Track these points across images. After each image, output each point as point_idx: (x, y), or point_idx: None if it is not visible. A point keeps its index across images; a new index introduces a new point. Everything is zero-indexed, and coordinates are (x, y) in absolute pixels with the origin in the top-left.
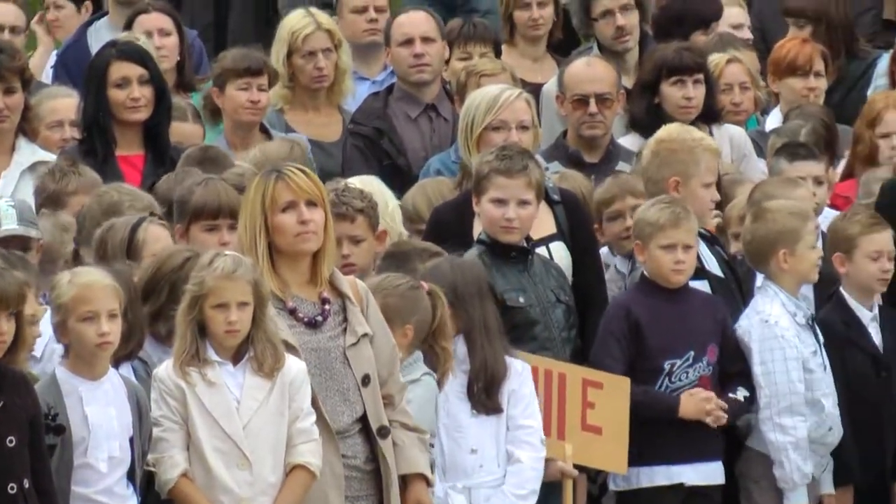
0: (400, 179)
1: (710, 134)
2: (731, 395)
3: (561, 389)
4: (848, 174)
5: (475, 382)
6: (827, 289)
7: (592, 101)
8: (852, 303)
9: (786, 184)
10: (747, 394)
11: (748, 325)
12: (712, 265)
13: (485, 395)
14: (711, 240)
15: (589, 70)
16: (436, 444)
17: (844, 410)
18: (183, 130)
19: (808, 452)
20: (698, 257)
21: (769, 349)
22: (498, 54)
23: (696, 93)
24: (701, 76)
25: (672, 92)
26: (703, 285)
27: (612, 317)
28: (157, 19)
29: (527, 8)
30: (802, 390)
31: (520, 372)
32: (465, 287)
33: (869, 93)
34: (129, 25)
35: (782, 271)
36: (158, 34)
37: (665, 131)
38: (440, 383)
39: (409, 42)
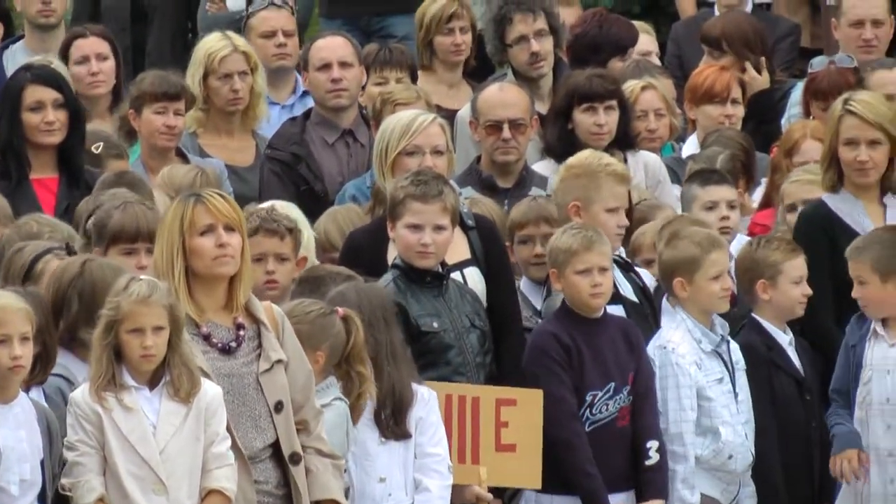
0: (317, 205)
1: (625, 160)
2: (645, 461)
3: (475, 413)
4: (766, 203)
5: (382, 409)
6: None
7: (506, 127)
8: (770, 327)
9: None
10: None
11: (652, 351)
12: (627, 291)
13: (393, 421)
14: (626, 266)
15: (502, 95)
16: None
17: (773, 433)
18: None
19: (695, 482)
20: (613, 283)
21: (664, 376)
22: (414, 80)
23: (607, 119)
24: (613, 102)
25: (584, 118)
26: (618, 310)
27: (540, 346)
28: (94, 44)
29: (449, 33)
30: (692, 418)
31: (426, 399)
32: (372, 312)
33: (783, 121)
34: (65, 49)
35: (683, 299)
36: (96, 59)
37: (575, 157)
38: (357, 408)
39: (326, 67)
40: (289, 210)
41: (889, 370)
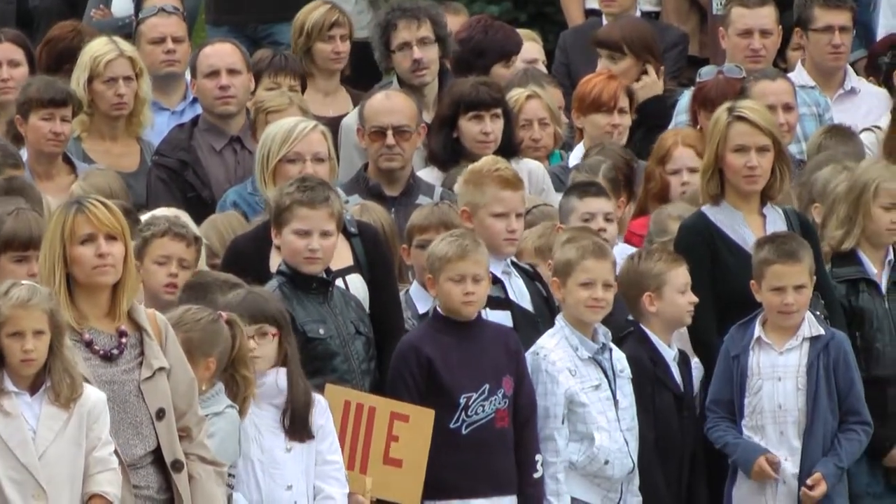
0: (204, 212)
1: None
2: (533, 474)
3: (369, 423)
4: (640, 211)
5: (294, 414)
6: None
7: (390, 133)
8: (656, 341)
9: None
10: (542, 458)
11: (528, 358)
12: (523, 299)
13: (301, 426)
14: (532, 275)
15: (387, 102)
16: (250, 480)
17: (652, 444)
18: None
19: (562, 488)
20: (503, 288)
21: (536, 382)
22: (304, 88)
23: (493, 127)
24: (499, 110)
25: (470, 127)
26: (505, 316)
27: (402, 356)
28: (7, 50)
29: (330, 41)
30: (559, 425)
31: (324, 406)
32: (283, 316)
33: (669, 129)
34: None
35: (560, 301)
36: (8, 65)
37: (473, 164)
38: (242, 412)
39: (214, 74)
40: (178, 218)
41: (780, 377)
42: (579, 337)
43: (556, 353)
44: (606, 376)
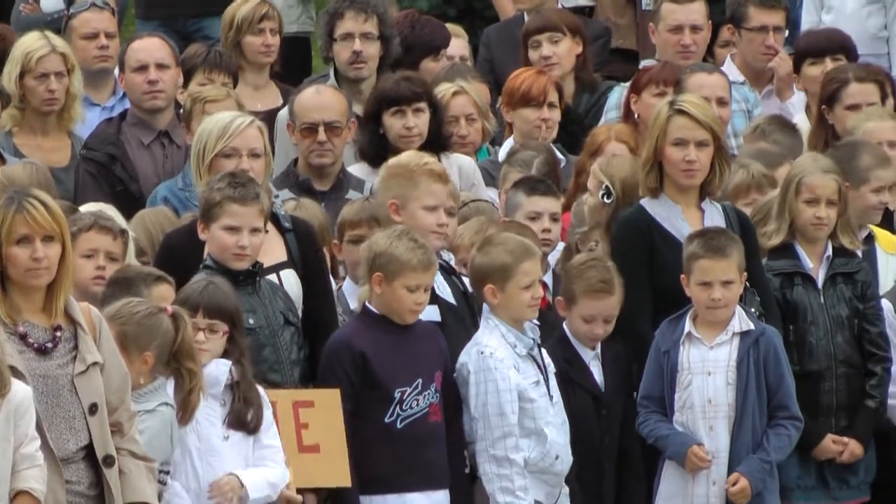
0: (132, 205)
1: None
2: (465, 469)
3: (274, 417)
4: (569, 205)
5: (245, 412)
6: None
7: (321, 130)
8: (574, 341)
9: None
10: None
11: (467, 357)
12: (446, 293)
13: (255, 424)
14: (449, 270)
15: (317, 98)
16: (187, 469)
17: (573, 441)
18: None
19: (528, 483)
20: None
21: (483, 380)
22: (236, 85)
23: (416, 121)
24: (422, 105)
25: (394, 122)
26: (433, 311)
27: (334, 352)
28: None
29: (260, 34)
30: (514, 422)
31: (262, 394)
32: (238, 314)
33: (600, 125)
34: None
35: (494, 305)
36: None
37: (395, 158)
38: (190, 403)
39: (143, 68)
40: (107, 212)
41: (710, 372)
42: (515, 334)
43: (500, 351)
44: (541, 372)
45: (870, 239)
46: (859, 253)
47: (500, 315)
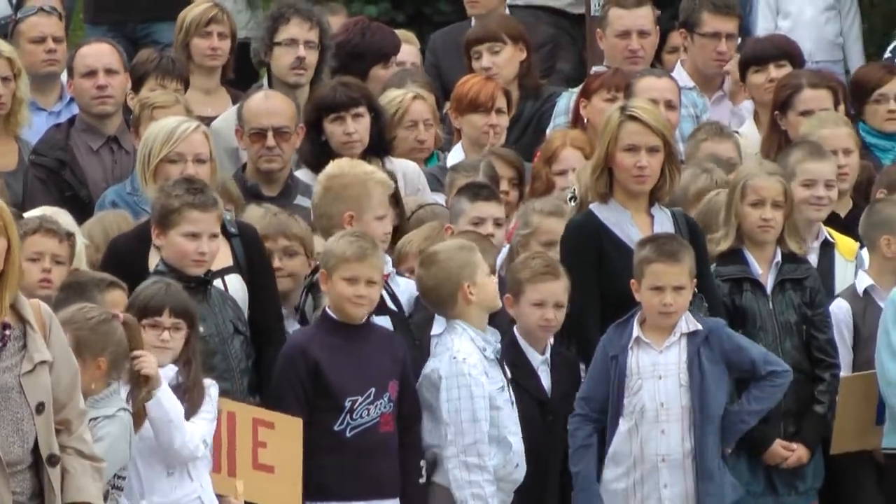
0: (81, 211)
1: (383, 167)
2: (419, 479)
3: (231, 427)
4: None
5: (192, 405)
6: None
7: (270, 135)
8: (524, 345)
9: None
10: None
11: (438, 363)
12: (395, 302)
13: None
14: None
15: (266, 103)
16: (130, 468)
17: None
18: None
19: (496, 490)
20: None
21: (456, 386)
22: (186, 90)
23: (356, 127)
24: (361, 109)
25: (334, 129)
26: (384, 321)
27: (289, 358)
28: None
29: (207, 37)
30: (486, 429)
31: (213, 396)
32: (196, 315)
33: (549, 131)
34: None
35: (469, 304)
36: None
37: (336, 166)
38: (141, 411)
39: (91, 74)
40: (58, 216)
41: (661, 376)
42: (483, 337)
43: (472, 357)
44: (505, 376)
45: (829, 245)
46: (813, 259)
47: (471, 315)
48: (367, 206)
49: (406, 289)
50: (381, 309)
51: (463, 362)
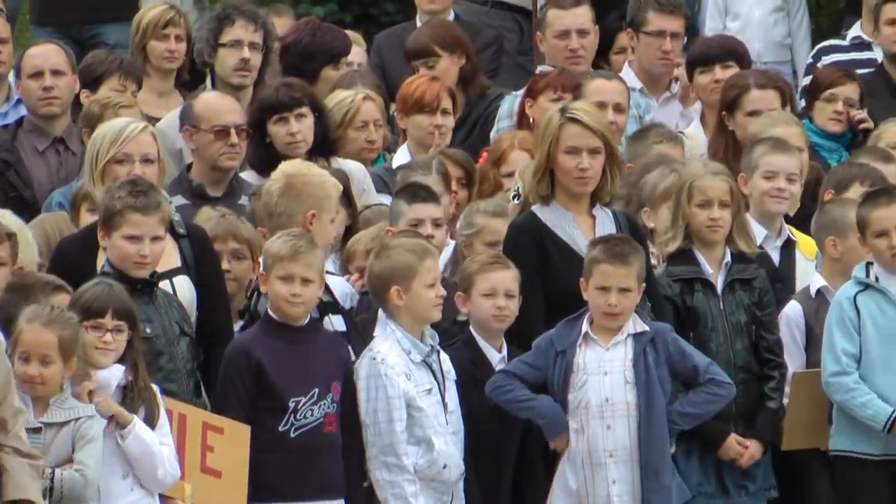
0: (26, 212)
1: (330, 167)
2: (364, 483)
3: (181, 429)
4: None
5: (141, 404)
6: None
7: (233, 132)
8: (482, 343)
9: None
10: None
11: (359, 364)
12: (354, 301)
13: (149, 422)
14: None
15: (225, 101)
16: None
17: (468, 446)
18: None
19: (418, 489)
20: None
21: (373, 387)
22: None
23: (300, 127)
24: (304, 110)
25: (278, 130)
26: (338, 321)
27: (232, 359)
28: None
29: (164, 39)
30: (402, 429)
31: (161, 403)
32: (137, 316)
33: (493, 133)
34: None
35: (398, 308)
36: None
37: (292, 166)
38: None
39: (38, 75)
40: (5, 217)
41: (606, 372)
42: (411, 340)
43: (391, 358)
44: (436, 379)
45: (791, 244)
46: (775, 256)
47: (402, 319)
48: (326, 207)
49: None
50: (336, 308)
51: (381, 363)
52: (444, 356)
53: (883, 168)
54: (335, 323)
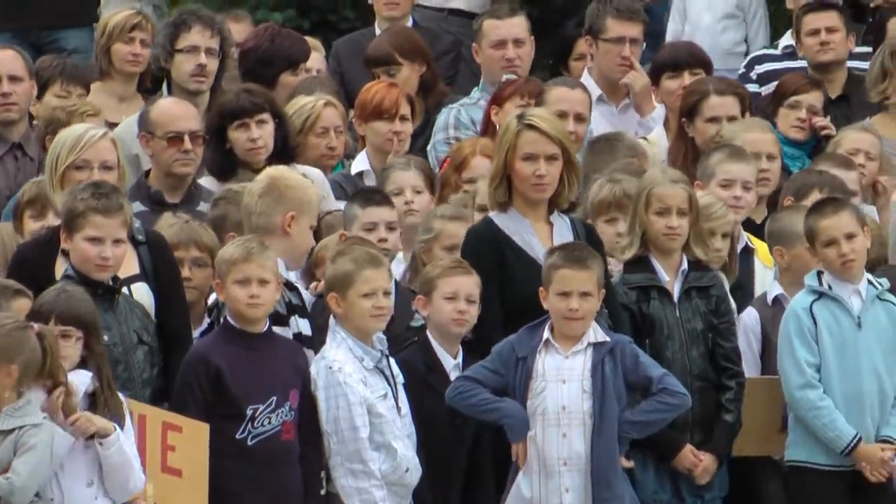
0: None
1: None
2: (320, 491)
3: (141, 429)
4: None
5: (108, 412)
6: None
7: (187, 138)
8: (437, 348)
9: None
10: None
11: (315, 373)
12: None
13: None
14: (289, 285)
15: (180, 108)
16: (51, 479)
17: (420, 451)
18: None
19: (385, 494)
20: (300, 296)
21: (333, 395)
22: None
23: (260, 133)
24: (265, 116)
25: (239, 135)
26: (305, 324)
27: (190, 365)
28: None
29: (130, 42)
30: (366, 435)
31: (123, 401)
32: (93, 319)
33: (429, 147)
34: None
35: (339, 315)
36: None
37: (276, 171)
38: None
39: None
40: None
41: (564, 380)
42: (362, 347)
43: (348, 365)
44: (389, 384)
45: (749, 251)
46: (735, 266)
47: (345, 326)
48: (306, 211)
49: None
50: (304, 312)
51: (339, 371)
52: (393, 361)
53: (844, 175)
54: (301, 325)
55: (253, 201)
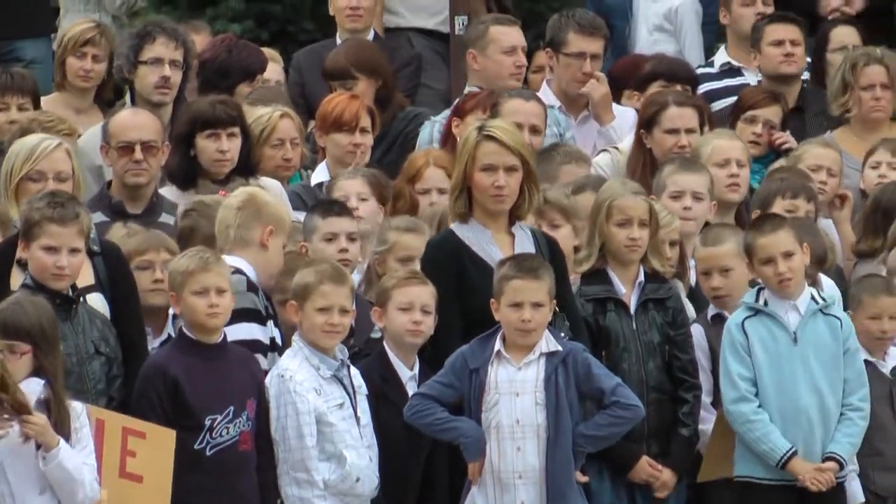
0: None
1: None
2: (276, 500)
3: (98, 434)
4: None
5: (55, 428)
6: None
7: (138, 148)
8: (394, 359)
9: None
10: None
11: (269, 382)
12: None
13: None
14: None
15: (134, 118)
16: (3, 488)
17: (381, 460)
18: None
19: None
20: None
21: (283, 404)
22: (36, 106)
23: (230, 145)
24: (236, 129)
25: (207, 145)
26: (278, 334)
27: (148, 376)
28: None
29: (82, 58)
30: (313, 444)
31: (79, 412)
32: (41, 331)
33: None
34: None
35: (297, 324)
36: None
37: (252, 189)
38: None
39: None
40: None
41: (518, 392)
42: (319, 356)
43: (300, 374)
44: (348, 394)
45: None
46: (692, 277)
47: (304, 335)
48: (282, 229)
49: None
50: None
51: (289, 380)
52: (355, 370)
53: None
54: (275, 333)
55: (231, 214)
